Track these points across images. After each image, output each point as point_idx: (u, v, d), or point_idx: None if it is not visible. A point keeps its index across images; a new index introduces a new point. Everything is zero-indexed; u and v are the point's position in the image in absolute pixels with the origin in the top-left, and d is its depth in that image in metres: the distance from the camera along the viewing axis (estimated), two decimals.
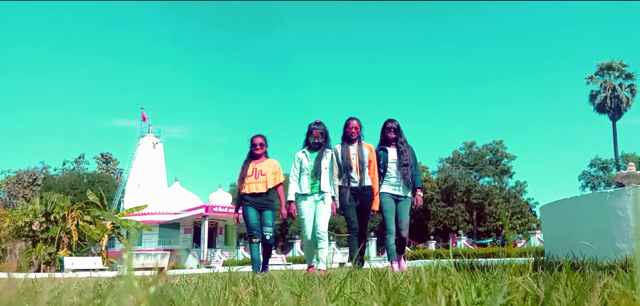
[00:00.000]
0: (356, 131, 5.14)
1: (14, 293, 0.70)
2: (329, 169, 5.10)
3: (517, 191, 43.73)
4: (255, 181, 5.31)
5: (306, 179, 5.06)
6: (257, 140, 5.48)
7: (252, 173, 5.37)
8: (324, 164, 5.06)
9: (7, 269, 10.08)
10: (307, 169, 5.07)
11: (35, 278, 1.82)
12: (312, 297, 0.78)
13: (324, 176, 5.01)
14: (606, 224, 4.25)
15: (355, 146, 5.13)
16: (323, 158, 5.06)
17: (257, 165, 5.40)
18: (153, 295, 0.63)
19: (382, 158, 5.19)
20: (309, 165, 5.08)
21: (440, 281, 0.83)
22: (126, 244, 24.59)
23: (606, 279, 0.85)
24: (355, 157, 5.07)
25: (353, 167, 5.02)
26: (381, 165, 5.17)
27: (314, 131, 5.13)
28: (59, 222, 19.46)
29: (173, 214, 34.54)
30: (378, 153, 5.25)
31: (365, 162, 5.05)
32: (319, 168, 5.02)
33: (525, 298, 0.73)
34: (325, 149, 5.09)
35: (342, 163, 5.04)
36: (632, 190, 4.17)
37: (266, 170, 5.37)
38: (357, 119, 5.27)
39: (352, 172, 5.01)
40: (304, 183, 5.06)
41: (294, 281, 1.17)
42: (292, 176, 5.17)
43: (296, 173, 5.17)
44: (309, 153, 5.14)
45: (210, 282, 1.35)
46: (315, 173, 5.01)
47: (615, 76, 39.98)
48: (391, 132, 5.21)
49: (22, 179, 47.91)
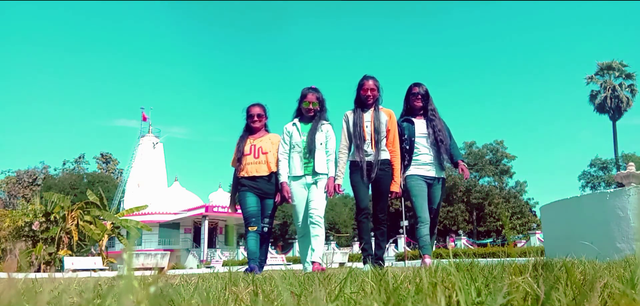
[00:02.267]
0: (372, 93, 4.11)
1: (14, 293, 0.70)
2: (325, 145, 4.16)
3: (517, 191, 43.73)
4: (255, 162, 4.33)
5: (297, 158, 4.14)
6: (254, 110, 4.46)
7: (251, 150, 4.37)
8: (319, 138, 4.10)
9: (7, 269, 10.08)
10: (298, 145, 4.15)
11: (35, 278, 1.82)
12: (312, 297, 0.78)
13: (319, 155, 4.08)
14: (606, 224, 4.26)
15: (371, 112, 4.13)
16: (318, 131, 4.11)
17: (256, 141, 4.40)
18: (153, 295, 0.63)
19: (406, 131, 4.23)
20: (301, 140, 4.15)
21: (440, 281, 0.83)
22: (126, 244, 24.59)
23: (606, 279, 0.85)
24: (370, 125, 4.08)
25: (366, 137, 4.05)
26: (405, 140, 4.23)
27: (309, 94, 4.20)
28: (59, 222, 19.46)
29: (173, 214, 34.55)
30: (400, 126, 4.28)
31: (383, 131, 4.08)
32: (313, 144, 4.07)
33: (525, 298, 0.73)
34: (321, 121, 4.16)
35: (354, 132, 4.08)
36: (632, 190, 4.18)
37: (268, 147, 4.35)
38: (374, 79, 4.19)
39: (366, 144, 4.05)
40: (294, 163, 4.14)
41: (294, 281, 1.17)
42: (281, 154, 4.24)
43: (286, 149, 4.24)
44: (300, 124, 4.23)
45: (210, 282, 1.35)
46: (308, 150, 4.09)
47: (615, 76, 39.98)
48: (418, 100, 4.26)
49: (22, 179, 47.91)
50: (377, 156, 4.03)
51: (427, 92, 4.31)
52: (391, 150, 4.13)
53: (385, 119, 4.13)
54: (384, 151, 4.09)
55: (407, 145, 4.21)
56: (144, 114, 39.79)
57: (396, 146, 4.14)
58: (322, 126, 4.17)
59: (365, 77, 4.18)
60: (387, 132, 4.14)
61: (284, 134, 4.29)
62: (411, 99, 4.30)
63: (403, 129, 4.27)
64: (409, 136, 4.22)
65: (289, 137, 4.26)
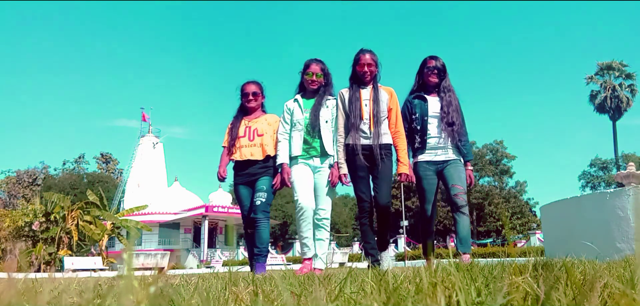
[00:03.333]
0: (370, 68, 3.65)
1: (14, 293, 0.70)
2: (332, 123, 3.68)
3: (517, 191, 43.75)
4: (249, 144, 3.89)
5: (298, 138, 3.67)
6: (249, 88, 4.01)
7: (245, 132, 3.93)
8: (324, 115, 3.64)
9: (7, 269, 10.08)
10: (300, 123, 3.68)
11: (35, 278, 1.82)
12: (312, 297, 0.78)
13: (325, 133, 3.61)
14: (606, 224, 4.26)
15: (369, 89, 3.68)
16: (323, 107, 3.65)
17: (252, 123, 3.96)
18: (153, 295, 0.63)
19: (418, 110, 3.78)
20: (304, 117, 3.68)
21: (440, 281, 0.83)
22: (126, 244, 24.59)
23: (606, 279, 0.85)
24: (369, 103, 3.61)
25: (364, 116, 3.59)
26: (416, 119, 3.77)
27: (312, 65, 3.73)
28: (59, 222, 19.46)
29: (173, 214, 34.54)
30: (411, 103, 3.84)
31: (384, 111, 3.63)
32: (317, 122, 3.61)
33: (525, 298, 0.73)
34: (327, 97, 3.71)
35: (349, 112, 3.61)
36: (632, 190, 4.18)
37: (264, 129, 3.90)
38: (372, 52, 3.73)
39: (363, 124, 3.58)
40: (295, 143, 3.67)
41: (294, 281, 1.17)
42: (281, 134, 3.78)
43: (286, 129, 3.77)
44: (302, 100, 3.76)
45: (210, 282, 1.35)
46: (312, 128, 3.62)
47: (615, 76, 39.99)
48: (433, 76, 3.79)
49: (22, 179, 47.91)
50: (377, 139, 3.55)
51: (444, 67, 3.83)
52: (395, 132, 3.68)
53: (386, 98, 3.68)
54: (386, 135, 3.63)
55: (418, 125, 3.76)
56: (144, 114, 39.78)
57: (400, 127, 3.70)
58: (327, 102, 3.69)
59: (361, 51, 3.71)
60: (389, 112, 3.68)
61: (284, 113, 3.84)
62: (425, 73, 3.81)
63: (414, 107, 3.80)
64: (421, 114, 3.76)
65: (289, 115, 3.79)
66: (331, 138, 3.65)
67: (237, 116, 4.08)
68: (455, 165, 3.71)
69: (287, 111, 3.83)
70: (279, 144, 3.79)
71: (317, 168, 3.66)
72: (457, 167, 3.71)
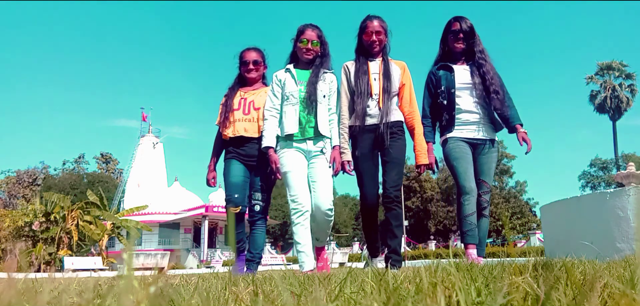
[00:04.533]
0: (379, 37, 3.18)
1: (14, 293, 0.70)
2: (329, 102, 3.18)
3: (517, 191, 43.74)
4: (244, 119, 3.39)
5: (292, 112, 3.11)
6: (249, 55, 3.53)
7: (240, 105, 3.43)
8: (321, 89, 3.12)
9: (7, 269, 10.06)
10: (294, 96, 3.13)
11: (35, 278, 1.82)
12: (312, 297, 0.78)
13: (322, 111, 3.09)
14: (606, 224, 4.25)
15: (378, 62, 3.21)
16: (320, 80, 3.14)
17: (249, 95, 3.47)
18: (153, 295, 0.63)
19: (443, 82, 3.26)
20: (297, 89, 3.14)
21: (440, 281, 0.83)
22: (126, 244, 24.59)
23: (606, 279, 0.85)
24: (379, 78, 3.14)
25: (373, 93, 3.11)
26: (442, 93, 3.26)
27: (307, 31, 3.22)
28: (59, 222, 19.46)
29: (173, 214, 34.53)
30: (435, 75, 3.32)
31: (395, 86, 3.17)
32: (314, 95, 3.08)
33: (525, 298, 0.73)
34: (323, 70, 3.21)
35: (356, 85, 3.13)
36: (632, 190, 4.17)
37: (262, 102, 3.38)
38: (380, 19, 3.23)
39: (371, 100, 3.10)
40: (289, 119, 3.10)
41: (294, 281, 1.17)
42: (269, 110, 3.21)
43: (275, 104, 3.20)
44: (296, 71, 3.23)
45: (210, 282, 1.35)
46: (308, 101, 3.09)
47: (615, 76, 40.00)
48: (459, 41, 3.26)
49: (22, 179, 47.89)
50: (385, 117, 3.07)
51: (472, 29, 3.28)
52: (409, 112, 3.22)
53: (398, 72, 3.21)
54: (396, 111, 3.17)
55: (444, 99, 3.25)
56: (143, 114, 39.77)
57: (414, 105, 3.22)
58: (324, 75, 3.20)
59: (368, 18, 3.22)
60: (401, 88, 3.21)
61: (274, 84, 3.26)
62: (450, 39, 3.29)
63: (438, 79, 3.30)
64: (447, 87, 3.24)
65: (280, 88, 3.22)
66: (327, 117, 3.15)
67: (232, 87, 3.57)
68: (489, 152, 3.25)
69: (277, 82, 3.26)
70: (266, 123, 3.19)
71: (311, 153, 3.12)
72: (490, 155, 3.26)
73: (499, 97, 3.19)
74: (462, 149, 3.21)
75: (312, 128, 3.11)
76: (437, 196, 43.38)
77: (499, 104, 3.19)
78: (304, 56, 3.23)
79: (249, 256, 3.39)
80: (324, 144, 3.13)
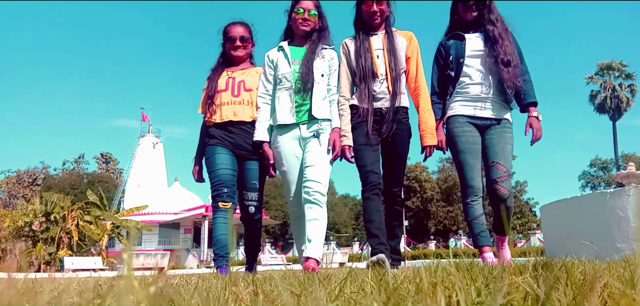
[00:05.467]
0: (380, 7, 2.80)
1: (14, 293, 0.70)
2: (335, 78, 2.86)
3: (517, 191, 43.74)
4: (234, 101, 2.97)
5: (285, 98, 2.80)
6: (235, 31, 3.10)
7: (228, 85, 3.01)
8: (318, 68, 2.79)
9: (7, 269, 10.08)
10: (287, 79, 2.82)
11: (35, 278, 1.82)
12: (312, 297, 0.78)
13: (319, 92, 2.76)
14: (606, 224, 4.25)
15: (381, 36, 2.85)
16: (317, 56, 2.81)
17: (237, 74, 3.06)
18: (153, 295, 0.63)
19: (453, 51, 2.91)
20: (291, 71, 2.82)
21: (440, 281, 0.84)
22: (126, 244, 24.59)
23: (606, 279, 0.85)
24: (383, 54, 2.78)
25: (378, 72, 2.76)
26: (451, 63, 2.89)
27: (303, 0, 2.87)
28: (59, 222, 19.46)
29: (173, 214, 34.54)
30: (445, 46, 2.98)
31: (402, 64, 2.81)
32: (310, 75, 2.75)
33: (525, 298, 0.73)
34: (322, 45, 2.87)
35: (358, 64, 2.78)
36: (632, 190, 4.17)
37: (253, 82, 3.01)
38: None
39: (376, 81, 2.75)
40: (282, 106, 2.80)
41: (294, 281, 1.17)
42: (261, 96, 2.92)
43: (268, 89, 2.91)
44: (289, 49, 2.90)
45: (210, 282, 1.35)
46: (303, 83, 2.75)
47: (615, 76, 40.02)
48: (469, 10, 2.88)
49: (22, 179, 47.90)
50: (394, 101, 2.72)
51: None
52: (415, 88, 2.85)
53: (404, 44, 2.85)
54: (404, 94, 2.82)
55: (452, 70, 2.88)
56: (143, 114, 39.78)
57: (421, 80, 2.86)
58: (322, 52, 2.86)
59: None
60: (407, 61, 2.85)
61: (265, 65, 2.96)
62: (461, 8, 2.92)
63: (448, 49, 2.94)
64: (456, 56, 2.88)
65: (272, 69, 2.91)
66: (325, 99, 2.81)
67: (216, 67, 3.15)
68: (501, 131, 2.81)
69: (269, 63, 2.94)
70: (259, 112, 2.89)
71: (306, 139, 2.78)
72: (504, 135, 2.81)
73: (510, 68, 2.75)
74: (469, 138, 2.81)
75: (307, 111, 2.77)
76: (437, 196, 43.38)
77: (508, 76, 2.75)
78: (301, 28, 2.87)
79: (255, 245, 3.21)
80: (320, 126, 2.78)
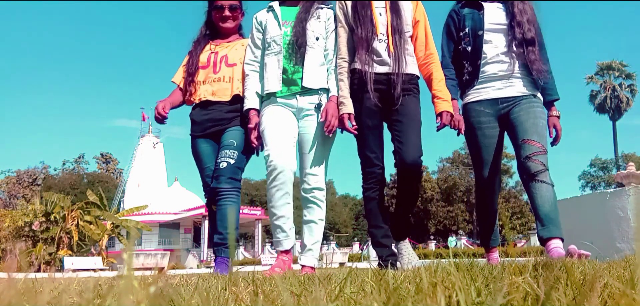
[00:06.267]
0: None
1: (14, 293, 0.70)
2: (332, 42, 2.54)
3: (517, 191, 43.73)
4: (213, 78, 2.67)
5: (274, 65, 2.49)
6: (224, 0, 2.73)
7: (209, 61, 2.72)
8: (313, 29, 2.49)
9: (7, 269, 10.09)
10: (276, 43, 2.51)
11: (35, 278, 1.82)
12: (312, 297, 0.78)
13: (313, 57, 2.45)
14: (606, 224, 4.26)
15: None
16: (312, 16, 2.51)
17: (221, 48, 2.76)
18: (153, 295, 0.63)
19: (468, 23, 2.57)
20: (281, 34, 2.51)
21: (440, 281, 0.84)
22: (126, 244, 24.58)
23: (606, 279, 0.85)
24: (385, 13, 2.46)
25: (379, 32, 2.42)
26: (466, 36, 2.56)
27: None
28: (59, 222, 19.46)
29: (173, 214, 34.56)
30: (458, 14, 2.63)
31: (407, 25, 2.48)
32: (304, 37, 2.45)
33: (525, 298, 0.73)
34: (318, 4, 2.58)
35: (356, 21, 2.43)
36: (632, 190, 4.18)
37: (237, 57, 2.70)
38: None
39: (377, 42, 2.42)
40: (270, 74, 2.49)
41: (294, 281, 1.17)
42: (249, 64, 2.61)
43: (256, 55, 2.60)
44: (280, 9, 2.59)
45: (210, 282, 1.35)
46: (295, 46, 2.45)
47: (615, 76, 40.06)
48: None
49: (22, 179, 47.91)
50: (397, 66, 2.37)
51: None
52: (426, 55, 2.51)
53: (410, 5, 2.53)
54: (411, 59, 2.47)
55: (468, 45, 2.55)
56: (143, 114, 39.81)
57: (432, 47, 2.52)
58: (318, 11, 2.55)
59: None
60: (414, 26, 2.52)
61: (253, 29, 2.63)
62: None
63: (462, 19, 2.60)
64: (473, 28, 2.54)
65: (261, 33, 2.59)
66: (320, 65, 2.48)
67: (198, 39, 2.83)
68: (528, 105, 2.45)
69: (257, 26, 2.62)
70: (247, 80, 2.58)
71: (302, 111, 2.49)
72: (532, 108, 2.44)
73: (535, 49, 2.45)
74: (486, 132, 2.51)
75: (300, 79, 2.47)
76: (437, 196, 43.38)
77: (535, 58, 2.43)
78: None
79: (218, 238, 2.58)
80: (320, 98, 2.47)
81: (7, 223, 19.57)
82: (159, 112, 2.67)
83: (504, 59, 2.51)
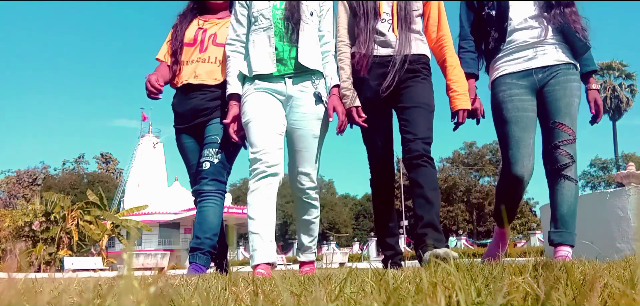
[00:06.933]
0: None
1: (14, 293, 0.70)
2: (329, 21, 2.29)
3: None
4: (198, 59, 2.39)
5: (262, 41, 2.18)
6: None
7: (196, 38, 2.41)
8: (307, 3, 2.20)
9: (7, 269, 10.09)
10: (264, 17, 2.19)
11: (35, 278, 1.82)
12: (312, 297, 0.78)
13: (307, 34, 2.18)
14: (606, 224, 4.26)
15: None
16: None
17: (210, 25, 2.46)
18: (153, 295, 0.63)
19: None
20: (270, 6, 2.19)
21: (440, 281, 0.84)
22: (126, 244, 24.59)
23: (606, 279, 0.85)
24: None
25: (382, 12, 2.17)
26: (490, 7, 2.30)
27: None
28: (59, 222, 19.46)
29: (173, 214, 34.55)
30: None
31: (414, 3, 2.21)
32: (297, 11, 2.17)
33: (525, 298, 0.73)
34: None
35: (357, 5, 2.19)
36: (632, 190, 4.18)
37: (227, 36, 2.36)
38: None
39: (381, 23, 2.18)
40: (258, 52, 2.18)
41: (294, 281, 1.17)
42: (231, 43, 2.29)
43: (239, 33, 2.29)
44: None
45: (210, 282, 1.35)
46: (288, 22, 2.17)
47: (615, 76, 40.07)
48: None
49: (22, 179, 47.91)
50: (402, 47, 2.12)
51: None
52: (439, 37, 2.25)
53: None
54: (420, 41, 2.23)
55: (492, 10, 2.32)
56: (143, 114, 39.80)
57: (445, 28, 2.25)
58: None
59: None
60: (425, 5, 2.26)
61: (236, 5, 2.31)
62: None
63: None
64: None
65: (245, 8, 2.27)
66: (314, 45, 2.21)
67: (184, 13, 2.50)
68: (565, 79, 2.18)
69: (242, 2, 2.29)
70: (229, 62, 2.26)
71: (291, 98, 2.18)
72: (569, 83, 2.19)
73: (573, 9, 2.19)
74: (518, 104, 2.20)
75: (293, 59, 2.16)
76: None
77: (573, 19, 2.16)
78: None
79: (194, 243, 2.34)
80: (316, 84, 2.19)
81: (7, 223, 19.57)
82: (153, 85, 2.34)
83: (533, 24, 2.23)
